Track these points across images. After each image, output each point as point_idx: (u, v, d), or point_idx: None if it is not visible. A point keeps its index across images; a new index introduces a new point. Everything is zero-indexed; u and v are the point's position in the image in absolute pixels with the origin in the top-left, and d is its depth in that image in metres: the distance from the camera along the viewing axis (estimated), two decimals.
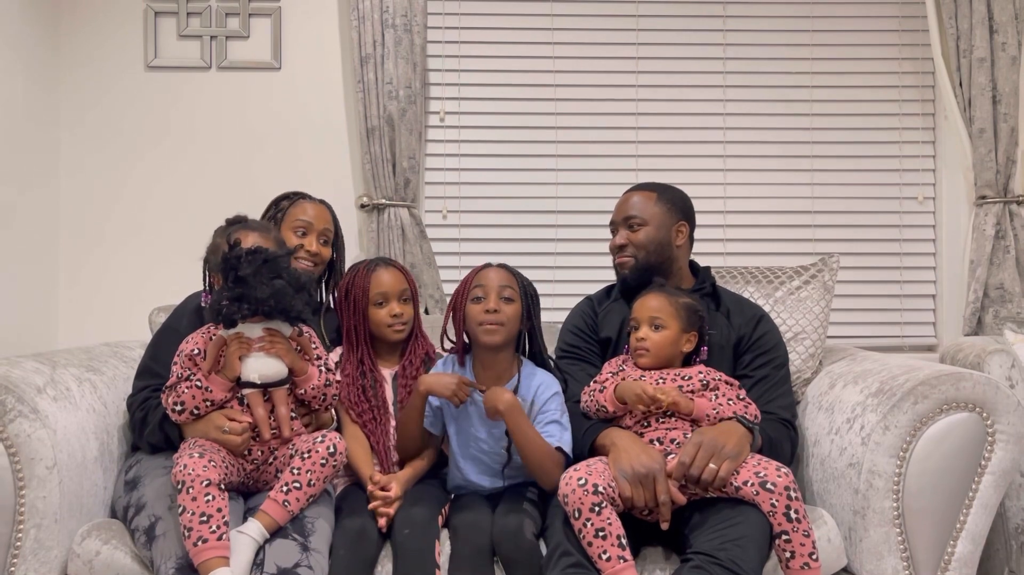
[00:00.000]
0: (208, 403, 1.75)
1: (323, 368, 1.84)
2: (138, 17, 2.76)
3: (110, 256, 2.76)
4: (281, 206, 2.19)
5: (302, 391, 1.81)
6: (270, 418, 1.76)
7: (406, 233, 2.66)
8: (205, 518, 1.58)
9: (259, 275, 1.68)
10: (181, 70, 2.77)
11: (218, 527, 1.58)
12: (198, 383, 1.74)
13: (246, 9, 2.77)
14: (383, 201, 2.67)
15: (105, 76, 2.76)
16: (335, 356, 2.04)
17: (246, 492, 1.83)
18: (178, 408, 1.76)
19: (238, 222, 1.97)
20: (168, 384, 1.79)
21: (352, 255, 2.65)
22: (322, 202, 2.23)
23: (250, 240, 1.82)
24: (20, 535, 1.67)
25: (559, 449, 1.81)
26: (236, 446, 1.74)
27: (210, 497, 1.60)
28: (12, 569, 1.67)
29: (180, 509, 1.60)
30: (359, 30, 2.64)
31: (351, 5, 2.64)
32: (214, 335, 1.79)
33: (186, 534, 1.58)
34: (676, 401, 1.76)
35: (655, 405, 1.76)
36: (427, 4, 2.69)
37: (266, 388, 1.76)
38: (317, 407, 1.87)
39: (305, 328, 1.87)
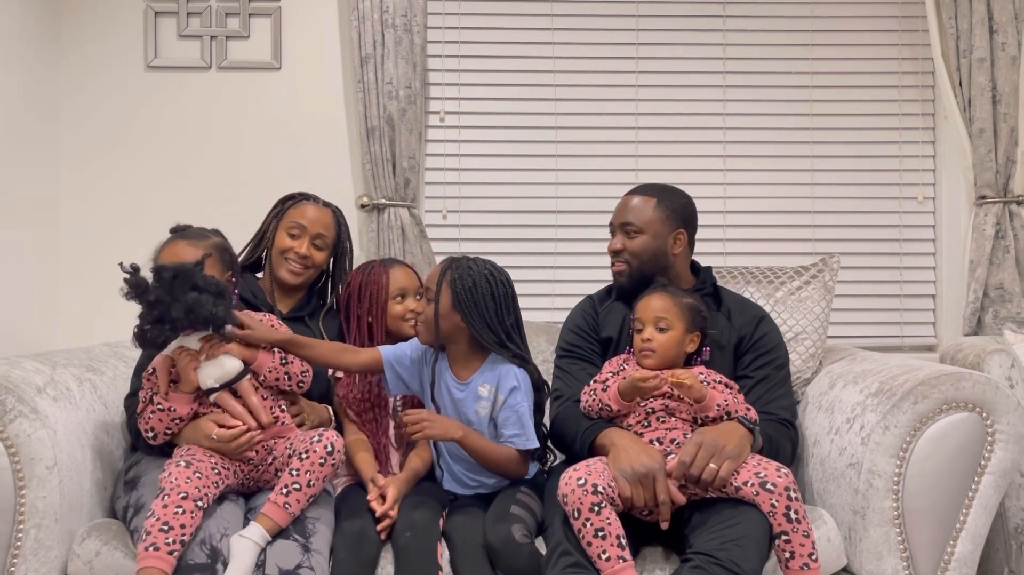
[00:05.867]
0: (177, 421, 1.76)
1: (274, 349, 1.83)
2: (138, 17, 2.76)
3: (110, 256, 2.71)
4: (285, 206, 2.19)
5: (262, 377, 1.81)
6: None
7: (406, 233, 2.66)
8: (166, 527, 1.56)
9: (172, 292, 1.67)
10: (181, 70, 2.77)
11: (174, 542, 1.56)
12: (159, 406, 1.74)
13: (246, 9, 2.77)
14: (383, 201, 2.66)
15: (105, 76, 2.75)
16: None
17: (246, 493, 1.83)
18: (151, 435, 1.77)
19: (179, 231, 1.94)
20: (138, 411, 1.79)
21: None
22: (327, 205, 2.21)
23: (178, 251, 1.82)
24: (20, 535, 1.67)
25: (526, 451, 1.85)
26: (232, 451, 1.74)
27: (180, 510, 1.58)
28: (12, 569, 1.67)
29: (149, 512, 1.59)
30: (359, 30, 2.63)
31: (351, 5, 2.64)
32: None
33: (142, 536, 1.56)
34: (689, 384, 1.74)
35: (672, 384, 1.76)
36: (427, 4, 2.68)
37: (229, 387, 1.77)
38: (290, 388, 1.85)
39: (260, 315, 1.88)
